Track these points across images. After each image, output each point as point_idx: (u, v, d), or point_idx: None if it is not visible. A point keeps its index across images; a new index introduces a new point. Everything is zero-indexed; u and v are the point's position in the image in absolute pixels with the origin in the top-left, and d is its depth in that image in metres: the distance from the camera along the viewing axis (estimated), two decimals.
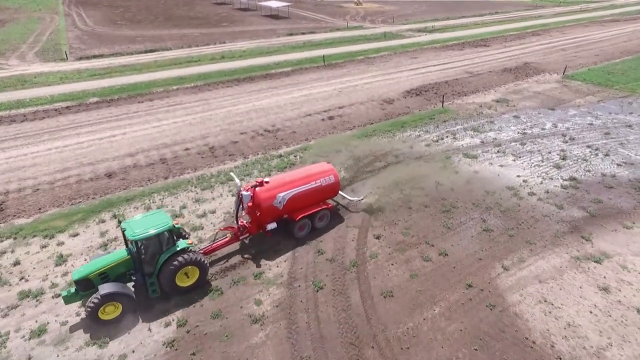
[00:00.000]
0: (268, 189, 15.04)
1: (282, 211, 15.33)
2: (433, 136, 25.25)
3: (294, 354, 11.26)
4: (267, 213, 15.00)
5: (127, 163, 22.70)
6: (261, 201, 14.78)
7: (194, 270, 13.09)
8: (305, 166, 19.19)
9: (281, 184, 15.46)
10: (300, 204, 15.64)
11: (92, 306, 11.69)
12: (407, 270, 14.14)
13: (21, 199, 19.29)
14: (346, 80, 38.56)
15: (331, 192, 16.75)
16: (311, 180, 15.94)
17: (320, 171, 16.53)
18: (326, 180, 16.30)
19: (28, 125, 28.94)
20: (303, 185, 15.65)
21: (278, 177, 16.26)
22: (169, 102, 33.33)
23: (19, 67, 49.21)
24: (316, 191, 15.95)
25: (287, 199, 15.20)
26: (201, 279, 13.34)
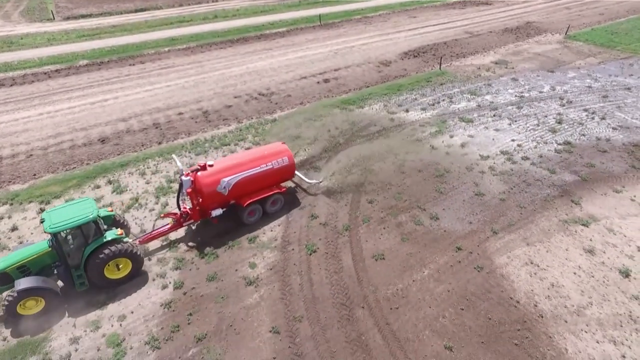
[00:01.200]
0: (211, 174, 14.01)
1: (227, 197, 14.31)
2: (429, 99, 24.91)
3: (287, 314, 11.71)
4: (210, 199, 14.06)
5: (120, 128, 22.48)
6: (203, 187, 13.79)
7: (126, 262, 12.42)
8: (258, 146, 18.42)
9: (227, 167, 14.34)
10: (249, 189, 14.61)
11: (8, 303, 11.08)
12: (399, 234, 14.43)
13: (15, 165, 19.27)
14: (342, 41, 37.48)
15: (285, 174, 15.64)
16: (261, 162, 14.78)
17: (273, 152, 15.30)
18: (279, 163, 15.13)
19: (17, 89, 28.36)
20: (252, 169, 14.54)
21: (224, 160, 15.01)
22: (161, 64, 32.53)
23: (4, 27, 47.50)
24: (267, 174, 14.88)
25: (233, 184, 14.16)
26: (135, 270, 12.66)
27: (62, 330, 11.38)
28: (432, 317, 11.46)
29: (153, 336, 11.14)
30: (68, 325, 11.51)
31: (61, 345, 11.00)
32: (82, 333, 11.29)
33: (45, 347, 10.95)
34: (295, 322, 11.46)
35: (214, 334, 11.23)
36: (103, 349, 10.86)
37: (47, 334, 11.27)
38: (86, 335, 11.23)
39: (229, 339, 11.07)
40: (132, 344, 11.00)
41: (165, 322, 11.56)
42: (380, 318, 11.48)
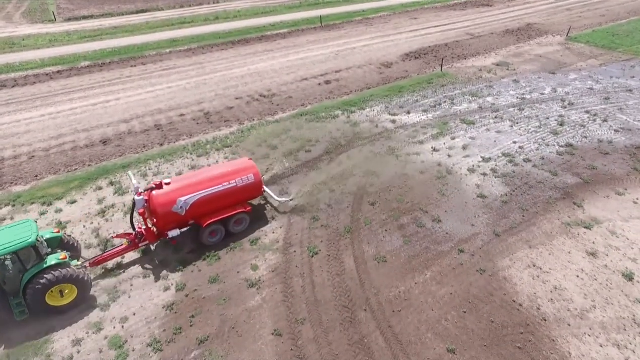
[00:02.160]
0: (166, 193, 13.14)
1: (185, 217, 13.43)
2: (431, 101, 24.91)
3: (289, 316, 11.69)
4: (165, 220, 13.17)
5: (122, 129, 22.50)
6: (157, 207, 12.94)
7: (71, 288, 11.65)
8: (224, 162, 17.66)
9: (185, 186, 13.48)
10: (210, 208, 13.75)
11: None
12: (401, 236, 14.42)
13: (17, 166, 19.28)
14: (344, 42, 37.51)
15: (251, 192, 14.77)
16: (223, 180, 13.92)
17: (237, 169, 14.45)
18: (243, 181, 14.24)
19: (19, 90, 28.40)
20: (212, 187, 13.67)
21: (183, 178, 14.15)
22: (163, 66, 32.56)
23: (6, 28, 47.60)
24: (230, 193, 14.00)
25: (191, 204, 13.30)
26: (81, 297, 11.87)
27: (65, 332, 11.39)
28: (435, 320, 11.45)
29: (155, 338, 11.14)
30: (71, 327, 11.51)
31: (63, 347, 10.99)
32: (84, 335, 11.29)
33: (47, 348, 10.95)
34: (297, 324, 11.45)
35: (216, 336, 11.22)
36: (105, 351, 10.86)
37: (50, 336, 11.27)
38: (88, 337, 11.23)
39: (231, 342, 11.06)
40: (134, 346, 11.00)
41: (167, 324, 11.55)
42: (382, 321, 11.47)
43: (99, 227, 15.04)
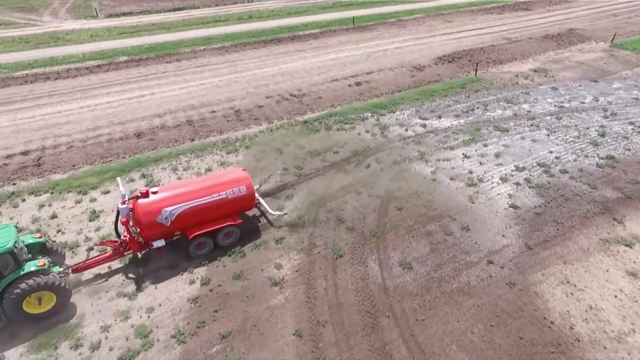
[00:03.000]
0: (152, 202, 12.69)
1: (170, 228, 12.95)
2: (463, 106, 24.32)
3: (311, 317, 11.64)
4: (148, 230, 12.72)
5: (155, 124, 23.09)
6: (141, 216, 12.52)
7: (50, 296, 11.36)
8: (217, 171, 17.20)
9: (172, 195, 13.00)
10: (197, 220, 13.22)
11: None
12: (428, 243, 14.11)
13: (56, 155, 20.11)
14: (376, 44, 37.20)
15: (242, 205, 14.17)
16: (213, 191, 13.37)
17: (228, 180, 13.88)
18: (234, 192, 13.64)
19: (61, 83, 29.66)
20: (200, 199, 13.13)
21: (171, 186, 13.69)
22: (197, 62, 33.27)
23: (52, 23, 49.87)
24: (219, 205, 13.44)
25: (177, 215, 12.78)
26: (60, 304, 11.61)
27: (94, 318, 11.74)
28: (460, 332, 11.12)
29: (179, 330, 11.33)
30: (100, 313, 11.86)
31: (93, 332, 11.34)
32: (112, 322, 11.61)
33: (77, 332, 11.32)
34: (319, 326, 11.38)
35: (238, 332, 11.30)
36: (131, 339, 11.12)
37: (80, 321, 11.65)
38: (116, 325, 11.54)
39: (253, 339, 11.11)
40: (159, 336, 11.22)
41: (191, 317, 11.72)
42: (405, 329, 11.24)
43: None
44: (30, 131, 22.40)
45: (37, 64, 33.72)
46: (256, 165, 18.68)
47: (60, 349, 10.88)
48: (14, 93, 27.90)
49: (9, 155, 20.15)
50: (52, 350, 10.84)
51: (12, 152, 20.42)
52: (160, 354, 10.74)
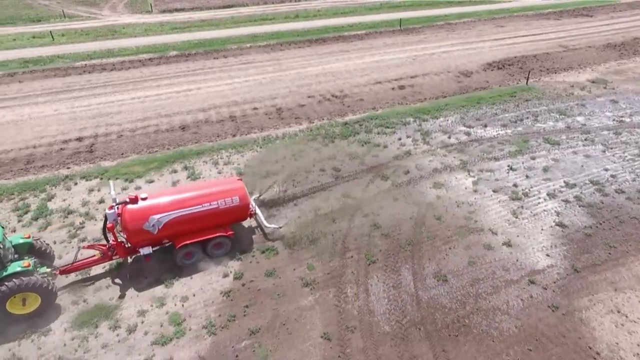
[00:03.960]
0: (139, 209, 12.41)
1: (157, 235, 12.66)
2: (511, 116, 23.30)
3: (340, 322, 11.54)
4: (135, 237, 12.48)
5: (200, 118, 23.79)
6: (127, 223, 12.27)
7: (34, 297, 11.26)
8: (210, 180, 16.96)
9: (161, 203, 12.72)
10: (185, 229, 12.88)
11: None
12: (466, 256, 13.60)
13: (107, 143, 21.19)
14: (422, 47, 36.45)
15: (235, 216, 13.72)
16: (204, 201, 12.95)
17: (222, 190, 13.41)
18: (226, 203, 13.16)
19: (116, 74, 31.25)
20: (190, 207, 12.76)
21: (161, 193, 13.47)
22: (242, 59, 33.98)
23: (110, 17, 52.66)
24: (210, 215, 13.02)
25: (165, 223, 12.48)
26: (45, 306, 11.49)
27: (132, 302, 12.22)
28: (495, 353, 10.62)
29: (211, 321, 11.57)
30: (138, 297, 12.35)
31: (130, 315, 11.81)
32: (148, 307, 12.04)
33: (116, 314, 11.84)
34: (347, 331, 11.26)
35: (267, 329, 11.39)
36: (165, 326, 11.48)
37: (120, 303, 12.17)
38: (152, 310, 11.96)
39: (281, 337, 11.16)
40: (191, 325, 11.51)
41: (223, 310, 11.94)
42: (437, 343, 10.89)
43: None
44: (85, 119, 23.74)
45: (95, 55, 35.73)
46: (294, 164, 18.79)
47: (100, 328, 11.42)
48: (73, 82, 29.70)
49: (65, 140, 21.46)
50: (92, 329, 11.40)
51: (68, 137, 21.73)
52: (192, 342, 11.02)
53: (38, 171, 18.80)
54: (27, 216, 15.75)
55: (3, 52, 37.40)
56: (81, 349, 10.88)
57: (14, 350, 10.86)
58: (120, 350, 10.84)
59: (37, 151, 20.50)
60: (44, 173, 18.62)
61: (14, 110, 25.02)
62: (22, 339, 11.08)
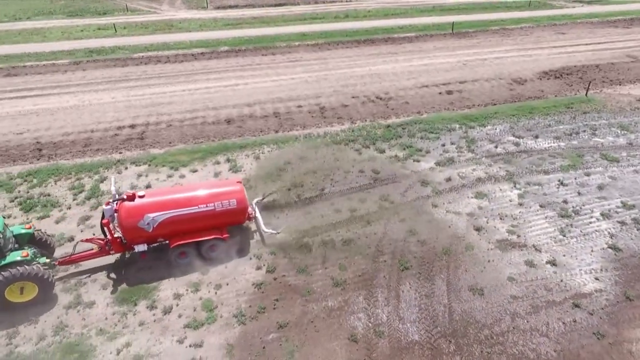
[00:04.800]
0: (135, 207, 12.48)
1: (152, 234, 12.72)
2: (566, 128, 21.99)
3: (368, 325, 11.41)
4: (130, 234, 12.58)
5: (245, 112, 24.37)
6: (122, 220, 12.40)
7: (32, 286, 11.51)
8: (211, 180, 16.89)
9: (158, 202, 12.76)
10: (180, 229, 12.86)
11: None
12: (506, 271, 13.00)
13: (157, 132, 22.22)
14: (474, 52, 35.25)
15: (231, 218, 13.57)
16: (200, 202, 12.91)
17: (220, 192, 13.32)
18: (223, 205, 13.06)
19: (170, 66, 32.69)
20: (186, 208, 12.73)
21: (158, 192, 13.66)
22: (290, 57, 34.44)
23: (168, 12, 55.15)
24: (205, 216, 12.95)
25: (160, 222, 12.51)
26: (43, 295, 11.74)
27: (169, 284, 12.74)
28: None
29: (241, 311, 11.82)
30: (175, 281, 12.85)
31: (166, 297, 12.32)
32: (184, 291, 12.50)
33: (154, 295, 12.38)
34: (375, 336, 11.11)
35: (295, 325, 11.47)
36: (198, 311, 11.87)
37: (158, 284, 12.72)
38: (187, 295, 12.40)
39: (308, 334, 11.20)
40: (222, 313, 11.82)
41: (253, 301, 12.16)
42: (467, 359, 10.49)
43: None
44: (139, 107, 25.03)
45: (152, 47, 37.57)
46: (333, 164, 18.81)
47: (139, 306, 12.00)
48: (130, 72, 31.41)
49: (119, 127, 22.74)
50: (131, 306, 12.00)
51: (122, 124, 23.01)
52: (222, 330, 11.32)
53: (94, 154, 20.05)
54: (81, 195, 16.85)
55: (71, 42, 40.24)
56: (120, 324, 11.49)
57: (62, 318, 11.67)
58: (155, 330, 11.33)
59: (94, 135, 21.87)
60: (99, 156, 19.83)
61: (76, 96, 26.84)
62: (69, 308, 11.88)
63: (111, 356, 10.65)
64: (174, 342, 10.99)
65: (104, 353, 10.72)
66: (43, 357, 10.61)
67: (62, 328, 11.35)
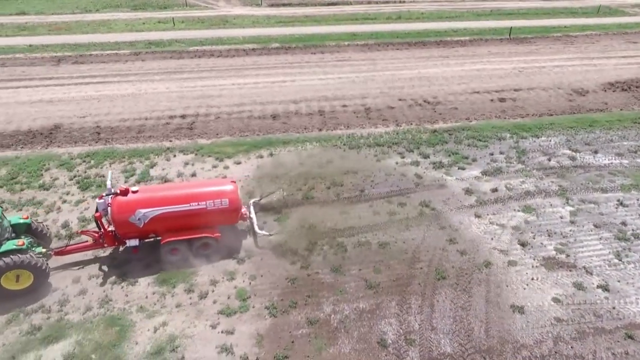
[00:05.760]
0: (127, 201, 12.58)
1: (143, 229, 12.79)
2: (631, 145, 20.39)
3: (399, 331, 11.18)
4: (121, 228, 12.70)
5: (290, 109, 24.66)
6: (114, 214, 12.50)
7: (27, 274, 11.74)
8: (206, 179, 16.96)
9: (150, 198, 12.86)
10: (171, 226, 12.90)
11: None
12: (551, 291, 12.26)
13: (206, 123, 23.00)
14: (532, 59, 33.54)
15: (223, 218, 13.42)
16: (192, 200, 12.88)
17: (212, 191, 13.27)
18: (215, 204, 12.97)
19: (222, 60, 33.74)
20: (177, 205, 12.74)
21: (151, 188, 13.76)
22: (338, 57, 34.44)
23: (224, 8, 56.92)
24: (197, 215, 12.90)
25: (151, 218, 12.57)
26: (38, 283, 11.96)
27: (207, 271, 13.14)
28: None
29: (273, 304, 11.97)
30: (212, 268, 13.23)
31: (203, 282, 12.72)
32: (220, 278, 12.85)
33: (192, 279, 12.83)
34: (405, 343, 10.87)
35: (325, 323, 11.45)
36: (232, 299, 12.15)
37: (196, 270, 13.16)
38: (223, 282, 12.74)
39: (337, 334, 11.15)
40: (255, 303, 12.03)
41: (286, 295, 12.28)
42: None
43: (252, 190, 16.79)
44: (190, 99, 26.02)
45: (206, 42, 38.93)
46: (374, 165, 18.61)
47: (177, 289, 12.49)
48: (185, 64, 32.74)
49: (171, 116, 23.76)
50: (170, 288, 12.51)
51: (174, 114, 24.03)
52: (253, 320, 11.52)
53: (146, 140, 21.10)
54: (132, 179, 17.79)
55: (133, 33, 42.57)
56: (159, 304, 12.01)
57: (107, 292, 12.38)
58: (190, 312, 11.74)
59: (147, 123, 23.01)
60: (150, 143, 20.83)
61: (134, 85, 28.36)
62: (114, 284, 12.58)
63: (149, 333, 11.16)
64: (207, 326, 11.34)
65: (142, 329, 11.26)
66: (88, 326, 11.32)
67: (107, 302, 12.05)
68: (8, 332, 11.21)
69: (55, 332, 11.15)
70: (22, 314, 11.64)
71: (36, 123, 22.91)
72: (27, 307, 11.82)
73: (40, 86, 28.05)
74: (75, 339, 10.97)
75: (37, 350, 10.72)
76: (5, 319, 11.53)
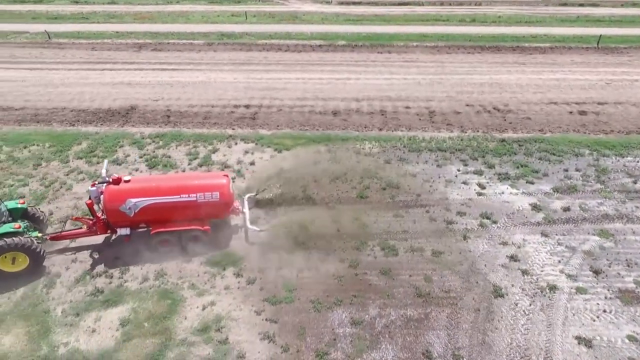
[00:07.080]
0: (119, 190, 12.68)
1: (133, 219, 12.80)
2: None
3: (449, 345, 10.59)
4: (112, 217, 12.79)
5: (352, 106, 24.44)
6: (105, 202, 12.63)
7: (23, 257, 12.01)
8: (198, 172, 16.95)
9: (141, 188, 12.90)
10: (161, 217, 12.85)
11: None
12: (626, 328, 10.96)
13: (268, 114, 23.47)
14: (622, 71, 30.48)
15: (213, 211, 13.24)
16: (182, 192, 12.81)
17: (204, 184, 13.16)
18: (205, 197, 12.84)
19: (288, 55, 34.32)
20: (167, 197, 12.71)
21: (143, 179, 13.72)
22: (405, 57, 33.64)
23: (295, 4, 57.96)
24: (187, 207, 12.79)
25: (141, 207, 12.60)
26: (34, 266, 12.23)
27: (256, 259, 13.33)
28: None
29: (318, 299, 11.84)
30: (262, 257, 13.37)
31: (252, 269, 12.91)
32: (268, 267, 12.95)
33: (241, 264, 13.08)
34: (453, 359, 10.25)
35: (369, 325, 11.14)
36: (279, 289, 12.20)
37: (246, 255, 13.40)
38: (270, 271, 12.84)
39: (381, 339, 10.79)
40: (300, 296, 11.98)
41: (331, 292, 12.09)
42: None
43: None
44: (255, 90, 26.72)
45: (275, 36, 39.84)
46: (435, 171, 17.87)
47: (226, 272, 12.80)
48: (253, 57, 33.73)
49: (236, 105, 24.54)
50: (220, 270, 12.86)
51: (239, 103, 24.79)
52: (297, 312, 11.49)
53: (211, 127, 21.96)
54: (195, 162, 18.58)
55: (208, 25, 44.68)
56: (209, 284, 12.39)
57: (163, 266, 13.00)
58: (237, 296, 11.98)
59: (213, 110, 23.96)
60: (214, 129, 21.65)
61: (205, 73, 29.69)
62: (169, 261, 13.16)
63: (197, 310, 11.54)
64: (252, 311, 11.49)
65: (191, 306, 11.67)
66: (144, 295, 11.95)
67: (162, 275, 12.65)
68: (75, 290, 12.17)
69: (115, 297, 11.91)
70: (88, 276, 12.58)
71: (116, 103, 24.76)
72: (93, 271, 12.76)
73: (122, 70, 30.34)
74: (132, 306, 11.64)
75: (98, 311, 11.51)
76: (74, 278, 12.53)
